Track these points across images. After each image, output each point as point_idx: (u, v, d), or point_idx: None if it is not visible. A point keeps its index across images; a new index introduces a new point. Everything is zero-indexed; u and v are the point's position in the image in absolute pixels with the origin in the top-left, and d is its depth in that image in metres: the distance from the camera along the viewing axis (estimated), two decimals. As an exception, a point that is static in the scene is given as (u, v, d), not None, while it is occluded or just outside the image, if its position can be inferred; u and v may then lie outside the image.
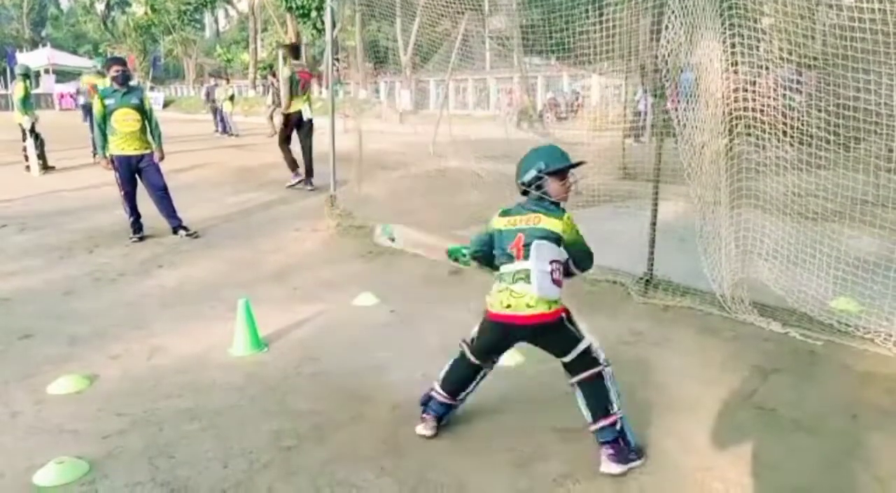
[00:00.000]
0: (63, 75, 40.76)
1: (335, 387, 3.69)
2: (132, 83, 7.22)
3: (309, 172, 10.02)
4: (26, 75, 11.95)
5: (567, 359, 2.93)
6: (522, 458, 2.97)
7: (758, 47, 4.62)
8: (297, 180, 10.00)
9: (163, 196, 7.08)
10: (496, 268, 3.02)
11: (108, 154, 6.82)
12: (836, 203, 4.82)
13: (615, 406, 2.88)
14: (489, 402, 3.45)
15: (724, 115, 4.65)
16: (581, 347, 2.90)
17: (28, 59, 33.43)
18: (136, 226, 7.01)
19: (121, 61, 7.33)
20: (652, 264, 5.16)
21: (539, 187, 2.94)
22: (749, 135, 4.69)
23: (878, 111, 4.45)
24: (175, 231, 7.14)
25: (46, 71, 40.35)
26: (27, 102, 11.61)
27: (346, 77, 33.15)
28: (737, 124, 4.66)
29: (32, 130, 11.63)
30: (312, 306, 4.93)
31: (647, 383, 3.71)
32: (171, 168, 7.59)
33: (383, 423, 3.28)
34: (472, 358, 3.10)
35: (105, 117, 6.75)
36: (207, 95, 21.39)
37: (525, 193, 3.02)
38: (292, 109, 9.97)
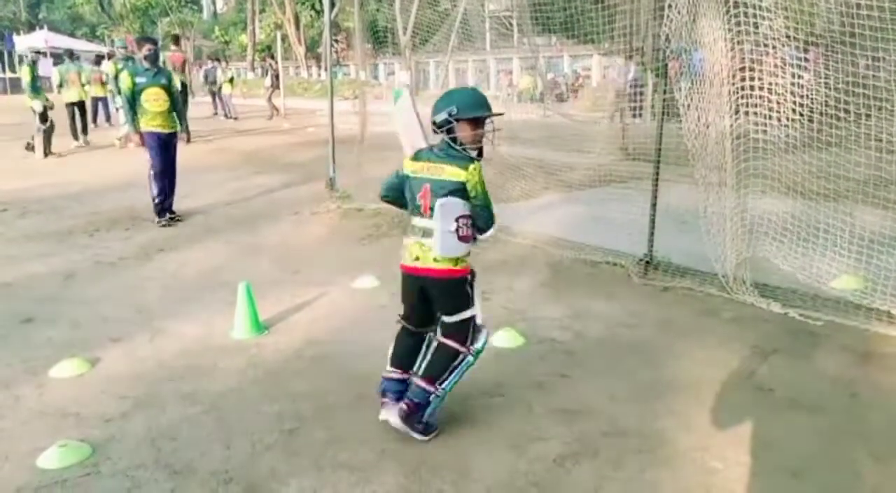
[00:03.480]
0: (60, 59, 40.47)
1: (336, 369, 3.70)
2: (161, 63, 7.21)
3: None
4: (33, 60, 12.34)
5: (448, 320, 2.92)
6: (522, 439, 2.98)
7: (762, 24, 4.57)
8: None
9: (173, 177, 7.07)
10: (405, 208, 2.98)
11: (138, 130, 6.77)
12: (849, 181, 4.77)
13: (444, 385, 2.90)
14: (488, 384, 3.47)
15: (729, 94, 4.61)
16: (466, 314, 2.90)
17: (25, 42, 33.12)
18: (163, 209, 6.94)
19: (153, 41, 7.32)
20: (652, 246, 5.15)
21: (449, 131, 2.82)
22: (756, 114, 4.64)
23: (887, 88, 4.41)
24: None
25: (44, 54, 40.01)
26: (35, 86, 11.67)
27: (346, 58, 32.90)
28: (745, 103, 4.61)
29: (44, 115, 11.65)
30: (313, 289, 4.93)
31: (646, 364, 3.72)
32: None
33: (384, 405, 3.29)
34: (411, 327, 3.08)
35: (134, 95, 6.72)
36: (206, 77, 21.27)
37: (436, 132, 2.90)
38: None
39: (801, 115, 4.51)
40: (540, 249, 5.89)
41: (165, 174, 6.94)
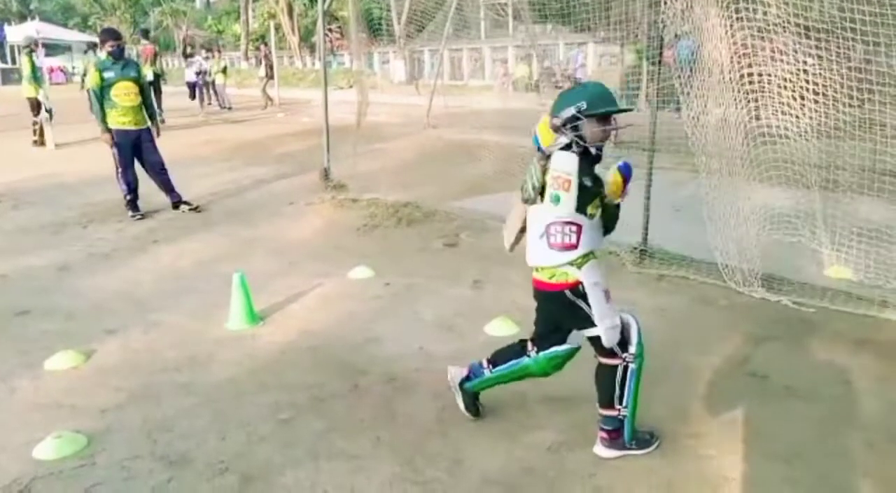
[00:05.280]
0: (53, 49, 40.09)
1: (331, 360, 3.71)
2: (127, 56, 7.06)
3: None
4: (31, 50, 12.27)
5: (586, 334, 2.71)
6: (517, 428, 3.00)
7: (765, 13, 4.54)
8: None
9: (162, 172, 7.01)
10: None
11: (108, 128, 6.64)
12: (849, 170, 4.76)
13: (622, 403, 2.70)
14: (484, 373, 3.48)
15: (730, 81, 4.58)
16: (591, 332, 2.66)
17: (17, 32, 32.84)
18: (134, 204, 6.89)
19: (116, 34, 7.08)
20: (646, 234, 5.16)
21: (575, 129, 2.59)
22: (757, 101, 4.63)
23: (889, 72, 4.40)
24: (176, 206, 7.10)
25: (36, 44, 39.64)
26: (36, 76, 11.60)
27: (340, 48, 32.70)
28: (749, 91, 4.59)
29: (38, 104, 11.61)
30: (308, 280, 4.93)
31: (641, 353, 3.73)
32: (166, 143, 7.52)
33: (380, 395, 3.31)
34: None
35: (103, 90, 6.57)
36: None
37: (558, 130, 2.65)
38: None
39: (808, 99, 4.47)
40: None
41: (132, 171, 6.81)
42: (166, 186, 7.08)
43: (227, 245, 5.97)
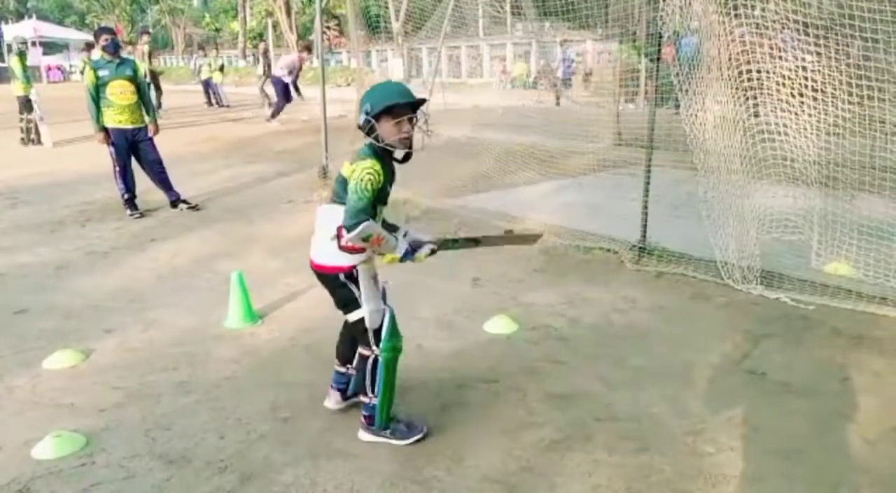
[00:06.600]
0: (50, 48, 40.02)
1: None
2: (124, 54, 7.04)
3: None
4: (20, 50, 12.34)
5: (348, 318, 2.85)
6: (516, 425, 3.00)
7: (763, 9, 4.54)
8: None
9: (160, 171, 6.99)
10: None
11: (103, 127, 6.60)
12: (851, 167, 4.76)
13: (373, 391, 2.81)
14: (482, 370, 3.48)
15: (728, 78, 4.58)
16: (357, 314, 2.78)
17: (14, 31, 32.82)
18: (132, 203, 6.88)
19: (110, 30, 7.04)
20: (645, 232, 5.16)
21: (371, 131, 2.65)
22: (755, 97, 4.63)
23: (888, 69, 4.40)
24: (174, 205, 7.09)
25: (33, 43, 39.63)
26: (26, 75, 11.67)
27: (338, 46, 32.68)
28: (748, 88, 4.59)
29: (28, 103, 11.59)
30: (306, 278, 4.88)
31: (639, 350, 3.74)
32: (164, 141, 7.51)
33: (378, 392, 3.30)
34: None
35: (98, 89, 6.55)
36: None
37: (366, 136, 2.73)
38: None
39: (806, 96, 4.47)
40: (534, 235, 5.88)
41: (130, 170, 6.80)
42: (164, 184, 7.06)
43: (226, 243, 5.96)
